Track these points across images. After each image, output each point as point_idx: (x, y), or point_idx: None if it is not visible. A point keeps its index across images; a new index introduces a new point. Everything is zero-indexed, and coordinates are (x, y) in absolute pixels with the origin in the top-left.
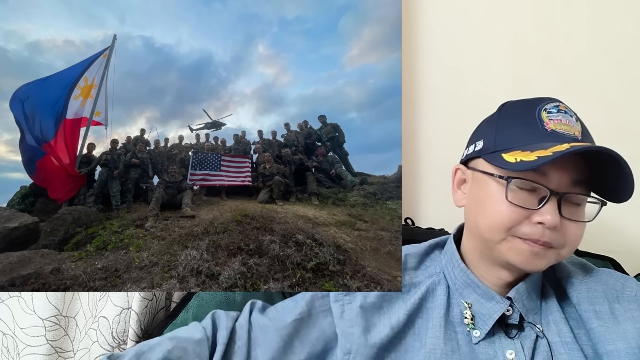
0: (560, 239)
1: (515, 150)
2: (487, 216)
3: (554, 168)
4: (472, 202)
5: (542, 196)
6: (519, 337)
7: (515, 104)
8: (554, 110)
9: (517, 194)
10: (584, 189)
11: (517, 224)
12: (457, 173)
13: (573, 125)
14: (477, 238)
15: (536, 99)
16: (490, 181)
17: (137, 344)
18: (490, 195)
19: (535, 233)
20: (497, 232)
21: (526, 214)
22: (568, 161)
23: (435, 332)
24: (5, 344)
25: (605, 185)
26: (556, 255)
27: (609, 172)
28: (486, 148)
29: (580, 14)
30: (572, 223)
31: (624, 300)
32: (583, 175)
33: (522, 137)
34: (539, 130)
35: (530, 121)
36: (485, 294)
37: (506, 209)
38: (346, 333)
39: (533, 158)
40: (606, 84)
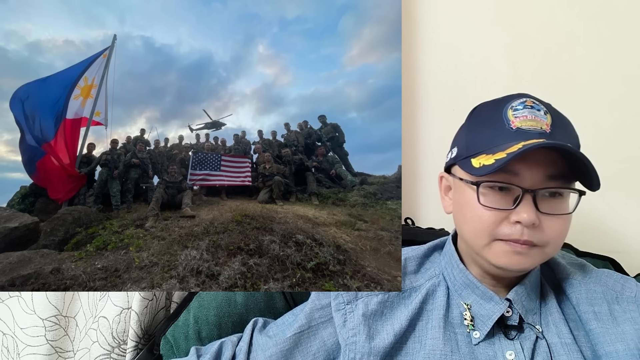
0: (542, 235)
1: (481, 154)
2: (468, 222)
3: (525, 166)
4: (456, 209)
5: (517, 195)
6: (518, 338)
7: (484, 106)
8: (520, 107)
9: (490, 196)
10: (561, 181)
11: (496, 226)
12: (442, 181)
13: (540, 119)
14: (466, 243)
15: (505, 98)
16: (465, 187)
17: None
18: (467, 202)
19: (515, 233)
20: (480, 237)
21: (503, 215)
22: (537, 157)
23: (435, 334)
24: (5, 344)
25: (584, 174)
26: (541, 253)
27: (578, 162)
28: (459, 154)
29: (581, 13)
30: (553, 218)
31: (623, 301)
32: (558, 168)
33: (490, 139)
34: (505, 130)
35: (497, 121)
36: (484, 295)
37: (482, 214)
38: (349, 342)
39: (492, 161)
40: (606, 83)
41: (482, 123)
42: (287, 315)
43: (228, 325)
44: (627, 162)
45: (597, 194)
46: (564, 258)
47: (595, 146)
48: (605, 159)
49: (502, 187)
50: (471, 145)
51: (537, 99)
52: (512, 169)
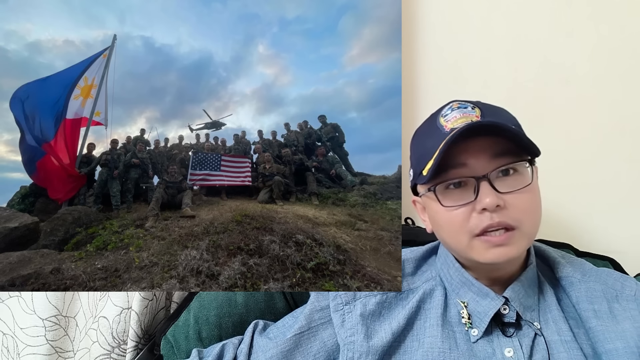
0: (511, 214)
1: (427, 163)
2: (443, 229)
3: (469, 155)
4: (432, 223)
5: (474, 186)
6: (516, 336)
7: (422, 124)
8: (449, 111)
9: (450, 196)
10: (508, 158)
11: (467, 222)
12: (416, 205)
13: (469, 114)
14: (456, 255)
15: (436, 111)
16: (429, 200)
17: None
18: (435, 211)
19: (485, 220)
20: (458, 239)
21: (469, 209)
22: (479, 143)
23: (433, 332)
24: (5, 344)
25: (525, 145)
26: (521, 236)
27: (515, 136)
28: (415, 173)
29: (581, 13)
30: (516, 195)
31: (623, 300)
32: (501, 147)
33: (430, 148)
34: (441, 135)
35: (433, 131)
36: (480, 292)
37: (450, 215)
38: (347, 342)
39: (432, 163)
40: (607, 83)
41: (422, 137)
42: (287, 317)
43: (228, 326)
44: (627, 162)
45: (597, 194)
46: (564, 257)
47: (595, 146)
48: (605, 159)
49: (456, 184)
50: (419, 160)
51: (464, 100)
52: (458, 162)
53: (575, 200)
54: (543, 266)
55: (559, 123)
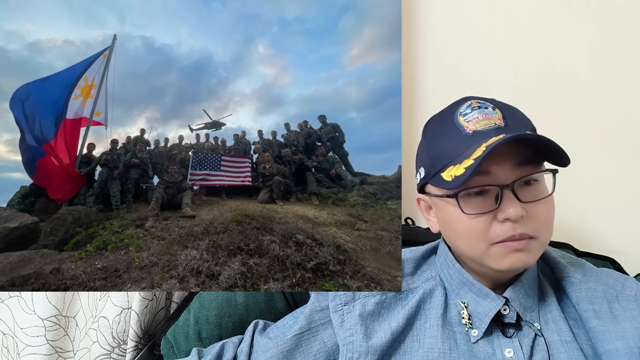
0: (532, 224)
1: (449, 166)
2: (459, 236)
3: (493, 163)
4: (444, 226)
5: (496, 194)
6: (517, 336)
7: (434, 120)
8: (468, 110)
9: (471, 203)
10: (531, 166)
11: (487, 231)
12: (420, 202)
13: (492, 116)
14: (467, 260)
15: (451, 106)
16: (445, 203)
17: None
18: (451, 216)
19: (507, 231)
20: (475, 247)
21: (490, 217)
22: (502, 151)
23: (433, 332)
24: (5, 344)
25: (550, 154)
26: (538, 244)
27: (542, 144)
28: (427, 173)
29: (582, 13)
30: (536, 204)
31: (624, 300)
32: (524, 155)
33: (451, 149)
34: (462, 137)
35: (452, 131)
36: (480, 292)
37: (471, 223)
38: (347, 342)
39: (462, 171)
40: (607, 84)
41: (439, 136)
42: (288, 317)
43: (228, 325)
44: (627, 162)
45: (597, 194)
46: (564, 257)
47: (595, 146)
48: (605, 159)
49: (479, 192)
50: (436, 161)
51: (480, 97)
52: (482, 170)
53: (575, 200)
54: (543, 266)
55: (559, 123)
